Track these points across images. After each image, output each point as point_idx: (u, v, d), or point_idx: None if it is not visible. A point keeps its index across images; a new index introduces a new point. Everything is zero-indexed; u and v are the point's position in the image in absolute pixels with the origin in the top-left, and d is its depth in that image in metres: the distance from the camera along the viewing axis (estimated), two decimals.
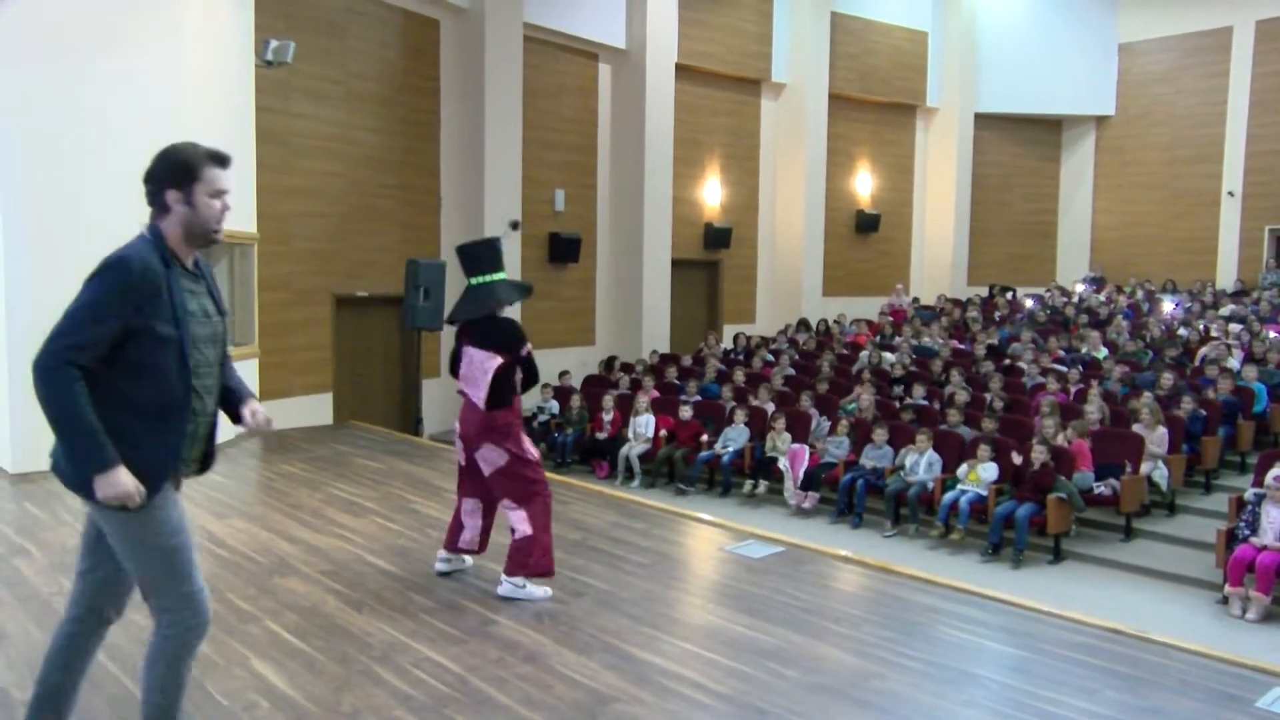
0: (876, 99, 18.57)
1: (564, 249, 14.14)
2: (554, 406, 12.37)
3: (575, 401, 12.04)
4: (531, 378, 5.17)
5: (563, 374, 13.15)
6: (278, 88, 10.48)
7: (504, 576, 5.00)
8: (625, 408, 11.59)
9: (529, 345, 5.10)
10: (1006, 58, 19.29)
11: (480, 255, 5.09)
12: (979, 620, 4.96)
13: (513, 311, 13.30)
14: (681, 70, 15.40)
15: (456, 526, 5.29)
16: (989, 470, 8.82)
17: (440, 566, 5.36)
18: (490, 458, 5.01)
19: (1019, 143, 19.99)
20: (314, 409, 10.97)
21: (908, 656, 4.39)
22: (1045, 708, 3.84)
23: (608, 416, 11.54)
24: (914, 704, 3.88)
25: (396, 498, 7.35)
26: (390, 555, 5.78)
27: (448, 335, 12.36)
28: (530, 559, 4.95)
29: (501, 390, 4.99)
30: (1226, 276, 17.81)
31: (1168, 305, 15.63)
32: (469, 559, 5.47)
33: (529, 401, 12.78)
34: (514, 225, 12.74)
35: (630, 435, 11.28)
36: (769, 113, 17.39)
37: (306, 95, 10.98)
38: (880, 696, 3.95)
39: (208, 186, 2.88)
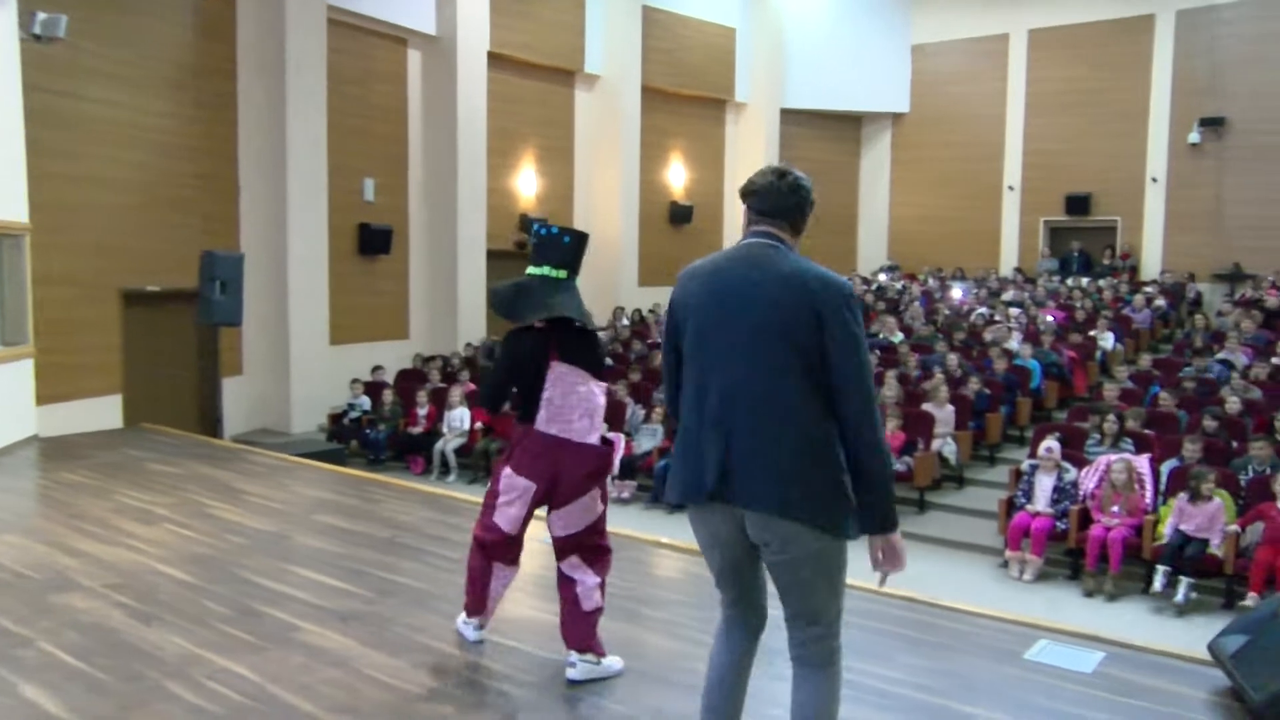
0: (688, 93, 18.93)
1: (375, 240, 13.72)
2: (365, 403, 12.00)
3: (388, 397, 11.74)
4: None
5: (375, 369, 12.78)
6: (60, 67, 9.65)
7: (577, 656, 3.94)
8: (440, 402, 11.39)
9: None
10: (811, 55, 20.05)
11: (568, 246, 4.00)
12: None
13: (321, 303, 12.84)
14: (494, 59, 15.20)
15: (493, 591, 4.20)
16: None
17: (477, 636, 4.36)
18: (593, 506, 4.00)
19: (823, 138, 20.83)
20: (102, 412, 10.21)
21: None
22: (850, 677, 3.99)
23: (422, 411, 11.32)
24: None
25: (193, 503, 6.94)
26: (185, 564, 5.45)
27: (249, 330, 11.79)
28: (597, 630, 4.03)
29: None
30: (1008, 265, 19.21)
31: (956, 292, 16.71)
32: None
33: (339, 399, 12.41)
34: None
35: (445, 429, 11.09)
36: (583, 104, 17.42)
37: (93, 76, 10.16)
38: (696, 677, 4.00)
39: None
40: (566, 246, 3.98)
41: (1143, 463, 7.71)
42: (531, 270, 3.98)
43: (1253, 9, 16.77)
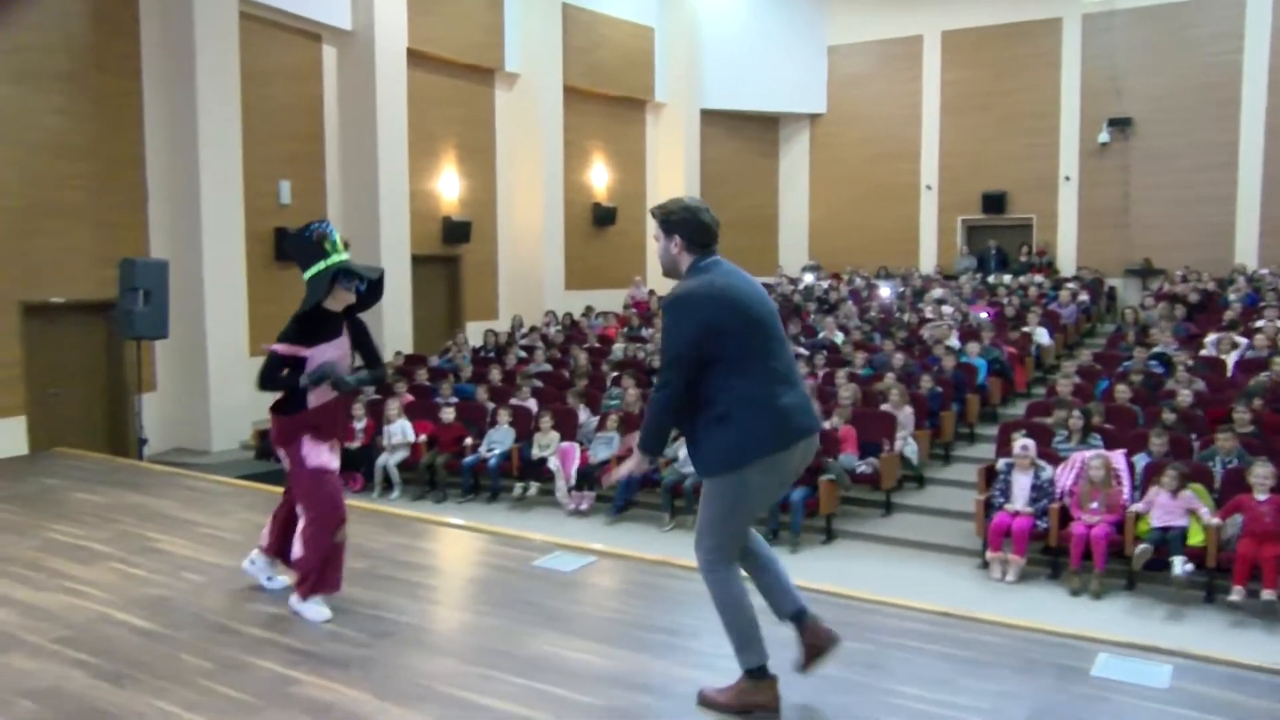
0: (608, 93, 18.58)
1: None
2: None
3: None
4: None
5: None
6: None
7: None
8: (377, 414, 10.79)
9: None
10: (728, 56, 19.92)
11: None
12: None
13: (239, 312, 12.02)
14: (412, 56, 14.57)
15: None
16: None
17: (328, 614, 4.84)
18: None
19: (741, 138, 20.75)
20: (3, 437, 9.31)
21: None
22: (921, 708, 3.72)
23: (359, 425, 10.68)
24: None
25: (133, 536, 6.26)
26: (144, 609, 4.84)
27: (161, 343, 10.95)
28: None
29: None
30: (927, 263, 19.43)
31: (885, 291, 16.78)
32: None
33: (261, 414, 11.62)
34: None
35: (385, 443, 10.50)
36: (503, 103, 16.89)
37: None
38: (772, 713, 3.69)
39: None
40: None
41: (1119, 458, 7.70)
42: None
43: (1148, 16, 17.32)
